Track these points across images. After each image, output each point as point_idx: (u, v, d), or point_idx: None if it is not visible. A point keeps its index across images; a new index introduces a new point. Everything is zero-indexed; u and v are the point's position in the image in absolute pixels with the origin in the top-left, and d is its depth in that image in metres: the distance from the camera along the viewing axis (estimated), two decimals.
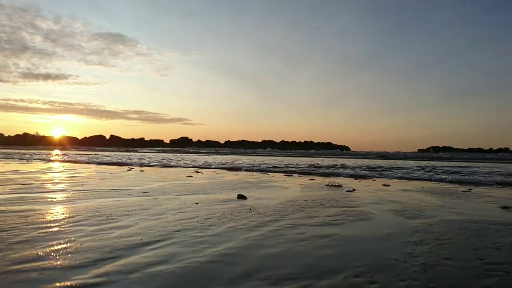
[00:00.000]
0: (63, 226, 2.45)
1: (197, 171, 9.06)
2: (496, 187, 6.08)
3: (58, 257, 1.76)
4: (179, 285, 1.47)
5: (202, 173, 8.42)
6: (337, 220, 2.90)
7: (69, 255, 1.79)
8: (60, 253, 1.83)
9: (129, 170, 8.94)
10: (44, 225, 2.45)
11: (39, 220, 2.62)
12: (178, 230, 2.39)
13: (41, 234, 2.20)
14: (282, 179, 7.00)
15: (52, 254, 1.81)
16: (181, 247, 1.99)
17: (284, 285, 1.49)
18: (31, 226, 2.40)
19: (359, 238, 2.32)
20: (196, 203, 3.57)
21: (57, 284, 1.44)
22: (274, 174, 8.60)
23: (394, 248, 2.09)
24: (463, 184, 6.60)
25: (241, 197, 4.09)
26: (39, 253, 1.81)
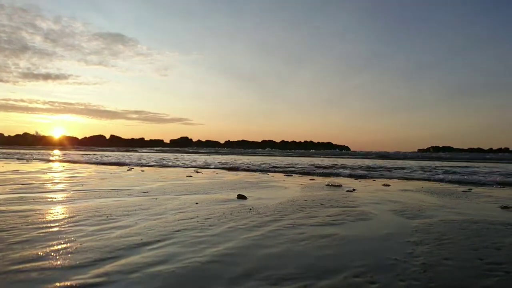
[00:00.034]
0: (63, 226, 2.45)
1: (197, 171, 9.07)
2: (496, 187, 6.08)
3: (58, 257, 1.76)
4: (179, 285, 1.47)
5: (202, 173, 8.42)
6: (337, 220, 2.90)
7: (69, 255, 1.79)
8: (60, 253, 1.83)
9: (129, 170, 8.95)
10: (44, 225, 2.45)
11: (39, 220, 2.62)
12: (178, 230, 2.39)
13: (41, 234, 2.20)
14: (282, 179, 7.00)
15: (52, 254, 1.81)
16: (181, 247, 1.99)
17: (284, 285, 1.49)
18: (31, 226, 2.40)
19: (359, 238, 2.32)
20: (196, 203, 3.57)
21: (57, 284, 1.44)
22: (274, 174, 8.60)
23: (394, 248, 2.09)
24: (463, 184, 6.60)
25: (241, 197, 4.09)
26: (39, 253, 1.81)
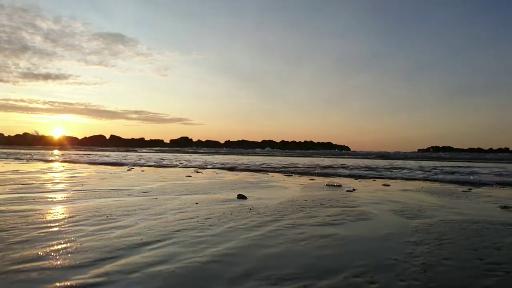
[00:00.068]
0: (63, 226, 2.45)
1: (197, 171, 9.07)
2: (496, 187, 6.08)
3: (58, 257, 1.76)
4: (179, 285, 1.47)
5: (202, 173, 8.42)
6: (337, 220, 2.90)
7: (69, 255, 1.79)
8: (60, 253, 1.83)
9: (129, 170, 8.95)
10: (44, 225, 2.45)
11: (39, 220, 2.62)
12: (178, 230, 2.39)
13: (41, 234, 2.20)
14: (282, 179, 7.00)
15: (52, 254, 1.81)
16: (181, 247, 1.99)
17: (284, 285, 1.49)
18: (31, 226, 2.40)
19: (359, 238, 2.32)
20: (196, 203, 3.57)
21: (57, 284, 1.44)
22: (274, 174, 8.60)
23: (394, 248, 2.09)
24: (463, 184, 6.60)
25: (241, 197, 4.09)
26: (39, 253, 1.81)
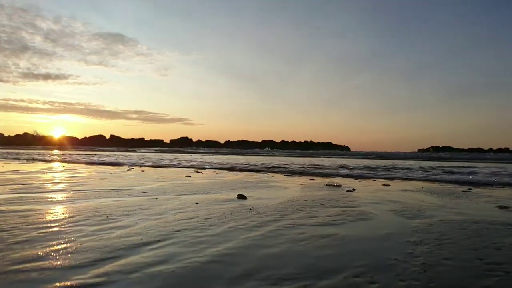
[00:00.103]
0: (63, 226, 2.45)
1: (197, 171, 9.07)
2: (496, 187, 6.08)
3: (58, 257, 1.76)
4: (179, 285, 1.47)
5: (202, 173, 8.42)
6: (337, 220, 2.90)
7: (69, 255, 1.79)
8: (60, 253, 1.83)
9: (129, 170, 8.95)
10: (44, 225, 2.45)
11: (39, 220, 2.62)
12: (178, 230, 2.39)
13: (41, 234, 2.20)
14: (282, 179, 7.00)
15: (52, 254, 1.81)
16: (181, 247, 1.99)
17: (284, 285, 1.49)
18: (31, 226, 2.40)
19: (359, 238, 2.32)
20: (196, 203, 3.57)
21: (57, 284, 1.44)
22: (274, 174, 8.60)
23: (394, 248, 2.09)
24: (463, 184, 6.60)
25: (241, 197, 4.09)
26: (39, 253, 1.81)
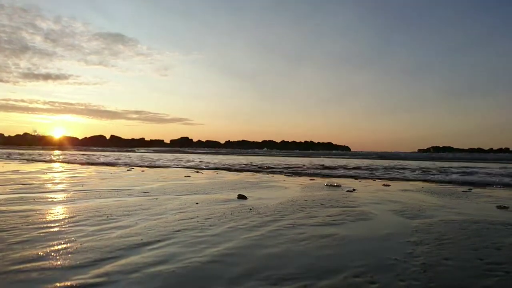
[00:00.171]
0: (63, 226, 2.45)
1: (197, 171, 9.07)
2: (496, 187, 6.08)
3: (58, 257, 1.76)
4: (179, 285, 1.47)
5: (202, 173, 8.42)
6: (337, 220, 2.90)
7: (69, 255, 1.79)
8: (60, 253, 1.83)
9: (129, 170, 8.95)
10: (45, 225, 2.45)
11: (40, 220, 2.62)
12: (178, 230, 2.39)
13: (41, 234, 2.20)
14: (282, 179, 7.00)
15: (52, 254, 1.81)
16: (181, 247, 1.99)
17: (284, 285, 1.49)
18: (31, 226, 2.40)
19: (359, 238, 2.32)
20: (197, 203, 3.57)
21: (57, 284, 1.44)
22: (274, 174, 8.60)
23: (394, 248, 2.09)
24: (463, 184, 6.60)
25: (242, 197, 4.09)
26: (39, 253, 1.81)
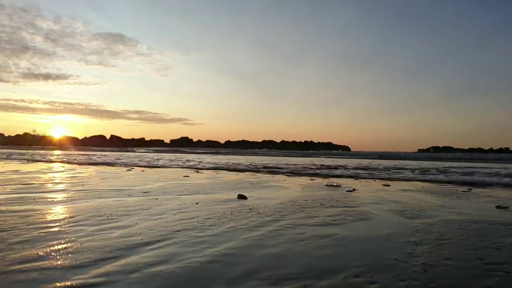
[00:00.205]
0: (63, 226, 2.45)
1: (197, 171, 9.07)
2: (496, 187, 6.08)
3: (58, 257, 1.76)
4: (179, 285, 1.47)
5: (202, 173, 8.42)
6: (337, 220, 2.90)
7: (70, 255, 1.79)
8: (60, 253, 1.83)
9: (129, 170, 8.95)
10: (45, 225, 2.45)
11: (40, 220, 2.62)
12: (179, 230, 2.39)
13: (41, 234, 2.20)
14: (282, 179, 7.00)
15: (53, 254, 1.81)
16: (181, 247, 1.99)
17: (284, 285, 1.49)
18: (31, 226, 2.40)
19: (359, 238, 2.32)
20: (197, 203, 3.57)
21: (57, 284, 1.44)
22: (274, 174, 8.60)
23: (394, 248, 2.09)
24: (463, 184, 6.59)
25: (242, 197, 4.09)
26: (39, 253, 1.81)
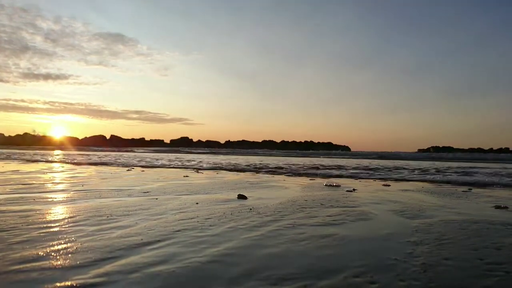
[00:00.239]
0: (63, 226, 2.45)
1: (197, 171, 9.07)
2: (496, 187, 6.08)
3: (58, 257, 1.76)
4: (179, 285, 1.47)
5: (202, 173, 8.42)
6: (337, 220, 2.90)
7: (70, 255, 1.79)
8: (60, 253, 1.83)
9: (129, 170, 8.95)
10: (45, 225, 2.45)
11: (40, 220, 2.62)
12: (179, 230, 2.39)
13: (41, 234, 2.20)
14: (282, 179, 7.00)
15: (53, 254, 1.81)
16: (181, 247, 1.99)
17: (284, 285, 1.49)
18: (31, 226, 2.40)
19: (359, 238, 2.32)
20: (197, 203, 3.57)
21: (57, 284, 1.44)
22: (274, 174, 8.60)
23: (394, 248, 2.09)
24: (463, 184, 6.59)
25: (242, 197, 4.09)
26: (39, 253, 1.81)
